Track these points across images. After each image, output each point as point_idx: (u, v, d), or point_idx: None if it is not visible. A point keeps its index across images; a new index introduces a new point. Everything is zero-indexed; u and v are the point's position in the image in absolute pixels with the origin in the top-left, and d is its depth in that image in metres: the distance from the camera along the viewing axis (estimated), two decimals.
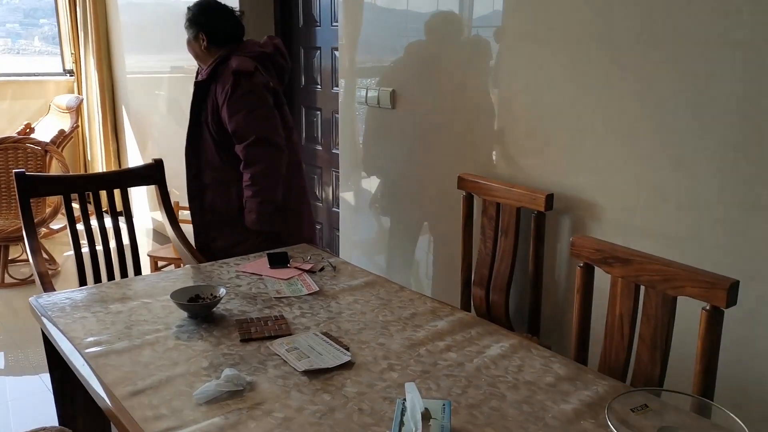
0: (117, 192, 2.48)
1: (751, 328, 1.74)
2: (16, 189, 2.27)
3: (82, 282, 2.35)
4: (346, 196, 3.28)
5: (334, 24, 3.38)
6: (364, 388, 1.39)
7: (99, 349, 1.53)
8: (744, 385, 1.78)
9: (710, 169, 1.78)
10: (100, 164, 5.36)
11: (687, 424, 1.21)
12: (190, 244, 2.57)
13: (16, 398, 2.72)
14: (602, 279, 1.70)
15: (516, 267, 2.31)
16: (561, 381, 1.43)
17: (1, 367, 2.99)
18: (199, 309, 1.72)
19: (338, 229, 3.50)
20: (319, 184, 3.77)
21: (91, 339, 1.57)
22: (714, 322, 1.40)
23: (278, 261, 2.15)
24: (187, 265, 2.26)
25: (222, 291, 1.78)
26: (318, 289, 1.95)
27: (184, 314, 1.73)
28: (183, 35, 2.59)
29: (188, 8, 2.55)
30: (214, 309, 1.76)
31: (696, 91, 1.79)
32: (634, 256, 1.56)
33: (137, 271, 2.49)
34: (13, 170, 3.82)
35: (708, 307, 1.41)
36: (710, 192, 1.79)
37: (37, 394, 2.75)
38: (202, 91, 2.49)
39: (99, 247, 2.38)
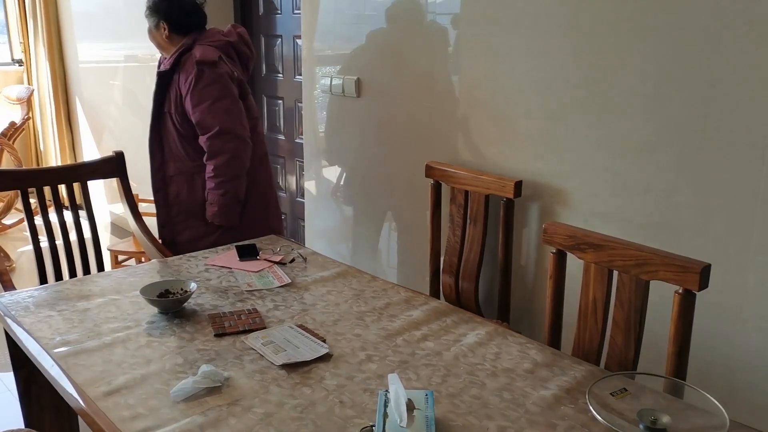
0: (76, 185, 2.40)
1: (715, 310, 1.79)
2: None
3: (42, 279, 2.28)
4: (311, 185, 3.25)
5: (296, 12, 3.33)
6: (344, 381, 1.38)
7: (68, 348, 1.48)
8: (708, 365, 1.83)
9: (674, 154, 1.82)
10: (53, 157, 5.19)
11: (665, 406, 1.24)
12: (155, 238, 2.51)
13: None
14: (572, 264, 1.73)
15: (485, 254, 2.33)
16: (538, 367, 1.44)
17: None
18: (171, 304, 1.68)
19: (303, 220, 3.47)
20: (283, 174, 3.72)
21: (59, 338, 1.52)
22: (686, 305, 1.43)
23: (247, 253, 2.12)
24: (153, 260, 2.21)
25: (193, 285, 1.75)
26: (290, 281, 1.93)
27: (155, 310, 1.69)
28: (137, 23, 2.52)
29: None
30: (186, 304, 1.72)
31: (659, 78, 1.82)
32: (606, 241, 1.58)
33: (99, 266, 2.42)
34: None
35: (681, 291, 1.44)
36: (675, 177, 1.83)
37: None
38: (164, 81, 2.43)
39: (59, 242, 2.30)
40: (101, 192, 4.91)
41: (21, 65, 5.24)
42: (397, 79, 2.63)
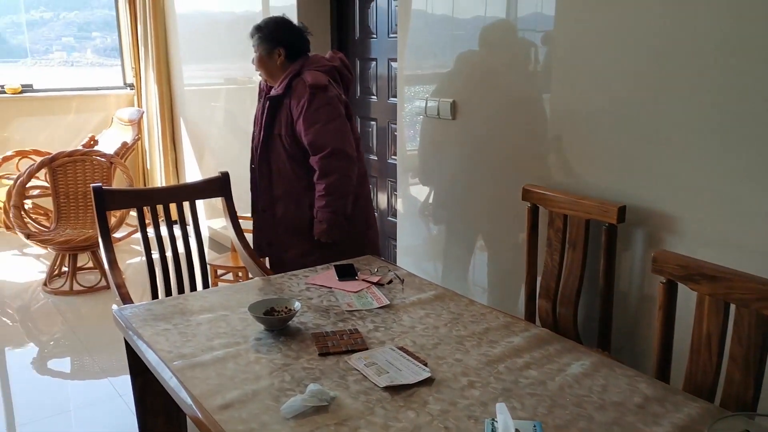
0: (183, 204, 2.54)
1: None
2: (93, 202, 2.33)
3: (154, 292, 2.41)
4: (404, 205, 3.29)
5: (392, 35, 3.39)
6: (447, 406, 1.38)
7: (184, 361, 1.56)
8: None
9: None
10: (159, 175, 5.49)
11: None
12: (256, 257, 2.60)
13: (80, 406, 2.74)
14: (680, 293, 1.66)
15: (584, 280, 2.27)
16: (649, 402, 1.39)
17: (67, 372, 3.07)
18: (277, 322, 1.74)
19: (393, 239, 3.51)
20: (375, 194, 3.78)
21: (176, 351, 1.60)
22: None
23: (346, 273, 2.17)
24: (256, 278, 2.29)
25: (297, 305, 1.80)
26: (388, 302, 1.95)
27: (261, 327, 1.75)
28: (237, 47, 2.63)
29: (259, 26, 2.60)
30: (290, 322, 1.78)
31: None
32: (722, 272, 1.51)
33: (204, 278, 2.53)
34: (89, 184, 3.96)
35: None
36: None
37: (105, 401, 2.78)
38: (275, 104, 2.54)
39: (168, 254, 2.44)
40: (200, 207, 5.15)
41: (132, 89, 5.59)
42: (490, 101, 2.63)
